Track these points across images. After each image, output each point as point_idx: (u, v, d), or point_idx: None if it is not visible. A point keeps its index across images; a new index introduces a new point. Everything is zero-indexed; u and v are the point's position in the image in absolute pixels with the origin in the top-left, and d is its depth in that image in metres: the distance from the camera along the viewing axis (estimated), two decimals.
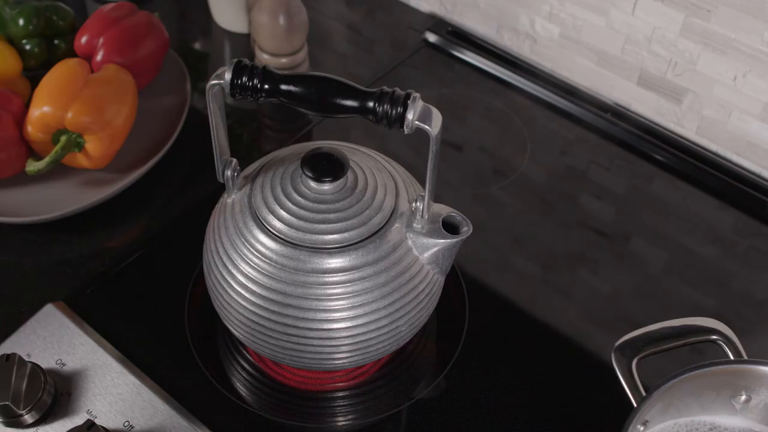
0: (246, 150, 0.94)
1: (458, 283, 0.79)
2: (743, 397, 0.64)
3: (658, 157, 0.94)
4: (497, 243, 0.85)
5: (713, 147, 0.94)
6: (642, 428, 0.63)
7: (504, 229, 0.86)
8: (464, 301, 0.78)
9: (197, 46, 1.09)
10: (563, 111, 0.99)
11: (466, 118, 0.99)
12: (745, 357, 0.64)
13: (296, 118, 0.97)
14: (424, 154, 0.59)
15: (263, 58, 0.97)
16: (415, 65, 1.04)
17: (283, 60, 0.97)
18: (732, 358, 0.64)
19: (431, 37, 1.07)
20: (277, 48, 0.96)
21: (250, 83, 0.59)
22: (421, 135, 0.58)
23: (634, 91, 0.96)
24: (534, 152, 0.94)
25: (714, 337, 0.65)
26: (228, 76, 0.60)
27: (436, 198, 0.68)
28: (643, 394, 0.61)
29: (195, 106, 0.96)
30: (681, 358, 0.64)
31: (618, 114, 0.97)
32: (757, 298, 0.80)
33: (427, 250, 0.65)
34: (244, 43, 1.07)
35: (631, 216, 0.89)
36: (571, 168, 0.93)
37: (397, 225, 0.65)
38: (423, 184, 0.63)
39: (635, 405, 0.60)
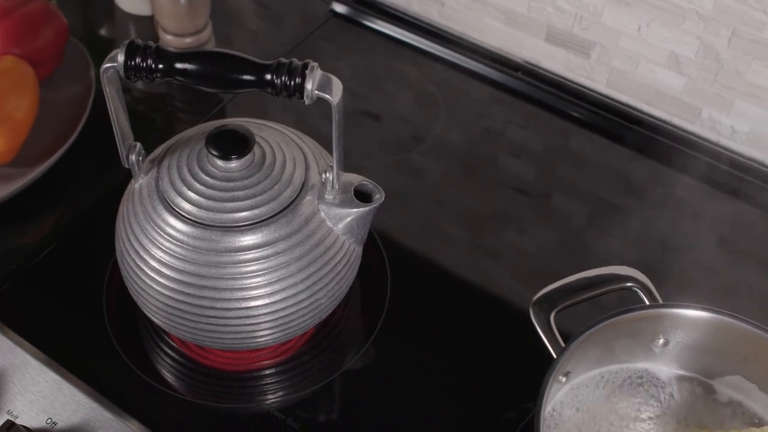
0: (160, 135, 0.91)
1: (378, 250, 0.79)
2: (661, 341, 0.66)
3: (572, 112, 0.94)
4: (419, 208, 0.85)
5: (624, 98, 0.95)
6: (564, 379, 0.64)
7: (425, 193, 0.86)
8: (385, 268, 0.78)
9: (101, 32, 1.06)
10: (476, 73, 0.99)
11: (380, 87, 0.98)
12: (660, 301, 0.65)
13: (207, 97, 0.95)
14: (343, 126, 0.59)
15: (167, 39, 0.95)
16: (325, 37, 1.03)
17: (188, 40, 0.95)
18: (647, 303, 0.65)
19: (339, 8, 1.05)
20: (180, 28, 0.94)
21: (144, 64, 0.58)
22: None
23: (543, 48, 0.97)
24: (450, 116, 0.94)
25: (629, 284, 0.66)
26: (121, 58, 0.59)
27: (357, 168, 0.67)
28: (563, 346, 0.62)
29: (102, 93, 0.93)
30: (608, 309, 0.65)
31: (529, 72, 0.98)
32: (674, 243, 0.82)
33: (340, 220, 0.65)
34: (148, 25, 1.04)
35: (550, 173, 0.89)
36: (488, 129, 0.93)
37: (308, 198, 0.64)
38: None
39: (555, 357, 0.61)
